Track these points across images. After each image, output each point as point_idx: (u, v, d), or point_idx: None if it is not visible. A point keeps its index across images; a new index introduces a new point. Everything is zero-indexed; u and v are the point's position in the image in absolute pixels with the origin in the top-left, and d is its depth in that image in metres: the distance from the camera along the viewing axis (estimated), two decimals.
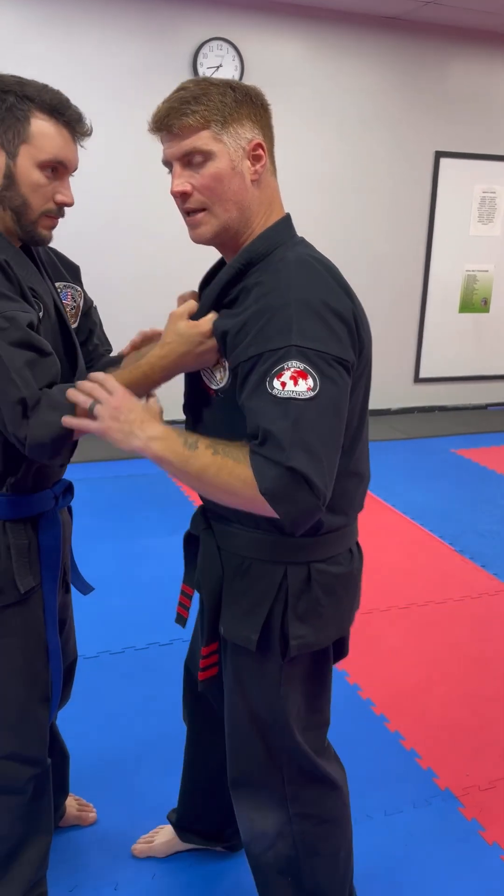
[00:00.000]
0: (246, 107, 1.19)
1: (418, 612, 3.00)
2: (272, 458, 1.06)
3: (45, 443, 1.19)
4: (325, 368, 1.10)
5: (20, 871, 1.49)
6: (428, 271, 5.88)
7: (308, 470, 1.05)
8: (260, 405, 1.10)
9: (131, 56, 4.76)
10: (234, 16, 4.91)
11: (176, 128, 1.17)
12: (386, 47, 5.34)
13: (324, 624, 1.29)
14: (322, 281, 1.17)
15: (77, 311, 1.52)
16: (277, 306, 1.12)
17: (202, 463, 1.13)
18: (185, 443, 1.15)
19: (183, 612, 1.49)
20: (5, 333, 1.17)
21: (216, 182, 1.18)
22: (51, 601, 1.43)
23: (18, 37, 4.48)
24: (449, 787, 2.06)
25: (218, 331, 1.21)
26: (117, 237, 4.99)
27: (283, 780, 1.38)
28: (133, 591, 3.07)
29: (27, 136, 1.24)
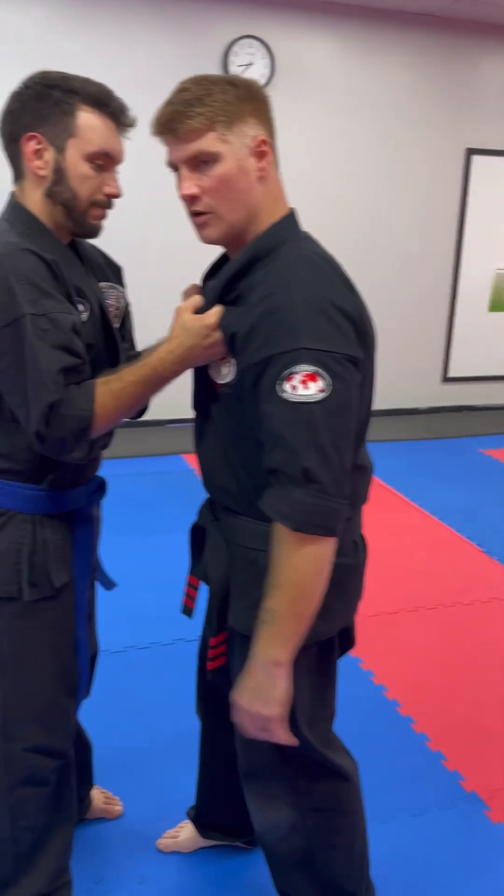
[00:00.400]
0: (248, 103, 1.19)
1: (445, 613, 2.98)
2: (288, 473, 1.10)
3: (64, 437, 1.21)
4: (334, 368, 1.11)
5: (46, 860, 1.51)
6: (458, 269, 5.83)
7: (320, 471, 1.09)
8: (272, 409, 1.12)
9: (161, 54, 4.77)
10: (264, 13, 4.91)
11: (181, 131, 1.17)
12: (417, 44, 5.30)
13: (329, 614, 1.29)
14: (326, 278, 1.18)
15: (120, 312, 1.53)
16: (284, 307, 1.13)
17: (282, 605, 1.17)
18: (276, 632, 1.18)
19: (189, 602, 1.51)
20: (48, 335, 1.19)
21: (223, 184, 1.18)
22: (81, 596, 1.45)
23: (48, 35, 4.52)
24: (475, 789, 2.05)
25: (226, 332, 1.21)
26: (140, 236, 5.01)
27: (292, 772, 1.38)
28: (159, 586, 3.08)
29: (74, 130, 1.26)
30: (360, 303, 1.21)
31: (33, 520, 1.36)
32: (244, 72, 4.89)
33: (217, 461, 1.33)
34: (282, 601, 1.15)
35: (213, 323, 1.23)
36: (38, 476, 1.35)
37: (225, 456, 1.31)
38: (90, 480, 1.45)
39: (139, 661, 2.59)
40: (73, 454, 1.24)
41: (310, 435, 1.09)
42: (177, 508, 3.91)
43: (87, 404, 1.22)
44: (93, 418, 1.23)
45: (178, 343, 1.25)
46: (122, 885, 1.73)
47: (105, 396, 1.24)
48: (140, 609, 2.89)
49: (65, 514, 1.40)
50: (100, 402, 1.24)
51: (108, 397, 1.25)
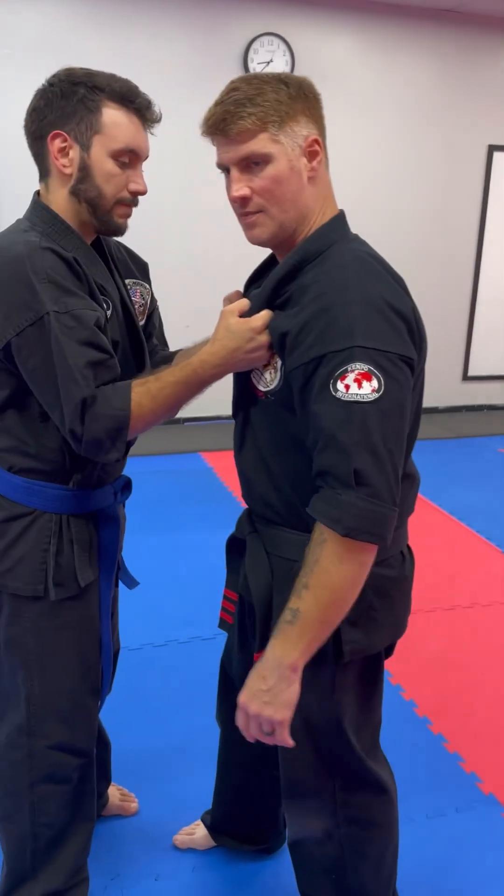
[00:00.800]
0: (300, 102, 1.16)
1: (463, 615, 2.95)
2: (341, 477, 1.06)
3: (100, 437, 1.20)
4: (389, 368, 1.08)
5: (65, 857, 1.51)
6: (479, 267, 5.78)
7: (371, 472, 1.05)
8: (324, 409, 1.09)
9: (182, 52, 4.78)
10: (284, 11, 4.89)
11: (233, 132, 1.14)
12: (438, 40, 5.26)
13: (377, 628, 1.27)
14: (381, 279, 1.15)
15: (145, 308, 1.52)
16: (338, 305, 1.10)
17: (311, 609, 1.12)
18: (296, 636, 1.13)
19: (227, 617, 1.48)
20: (73, 332, 1.19)
21: (275, 185, 1.16)
22: (106, 595, 1.45)
23: (70, 34, 4.54)
24: (493, 792, 2.03)
25: (276, 332, 1.18)
26: (161, 233, 5.02)
27: (334, 786, 1.36)
28: (176, 584, 3.09)
29: (99, 127, 1.25)
30: (413, 304, 1.18)
31: (59, 519, 1.36)
32: (264, 69, 4.89)
33: (258, 471, 1.30)
34: (313, 605, 1.11)
35: (259, 326, 1.21)
36: (65, 476, 1.35)
37: (266, 466, 1.28)
38: (116, 480, 1.45)
39: (155, 659, 2.59)
40: (110, 455, 1.24)
41: (362, 436, 1.06)
42: (194, 507, 3.92)
43: (122, 404, 1.21)
44: (129, 418, 1.22)
45: (221, 345, 1.23)
46: (137, 882, 1.73)
47: (142, 397, 1.23)
48: (157, 607, 2.89)
49: (90, 513, 1.40)
50: (136, 402, 1.22)
51: (146, 398, 1.23)
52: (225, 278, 5.11)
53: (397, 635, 1.35)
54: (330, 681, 1.29)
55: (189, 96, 4.87)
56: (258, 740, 1.23)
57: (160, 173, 4.95)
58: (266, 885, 1.75)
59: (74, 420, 1.20)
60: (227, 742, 1.70)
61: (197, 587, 3.06)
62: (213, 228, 5.08)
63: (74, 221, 1.31)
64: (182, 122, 4.88)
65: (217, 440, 4.90)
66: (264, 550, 1.32)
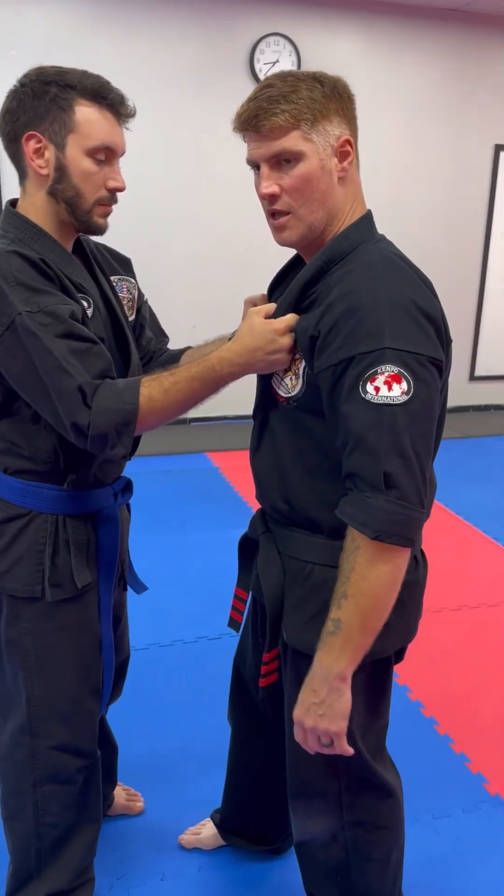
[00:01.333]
0: (334, 101, 1.16)
1: (470, 615, 2.94)
2: (370, 481, 1.06)
3: (107, 432, 1.19)
4: (418, 370, 1.07)
5: (70, 857, 1.52)
6: (485, 267, 5.76)
7: (401, 475, 1.05)
8: (353, 410, 1.08)
9: (189, 53, 4.78)
10: (290, 11, 4.89)
11: (266, 128, 1.13)
12: (444, 40, 5.25)
13: (388, 632, 1.24)
14: (409, 280, 1.14)
15: (133, 302, 1.52)
16: (367, 306, 1.09)
17: (353, 617, 1.12)
18: (338, 644, 1.13)
19: (237, 616, 1.47)
20: (49, 328, 1.18)
21: (305, 184, 1.15)
22: (106, 597, 1.44)
23: (75, 34, 4.54)
24: (499, 793, 2.02)
25: (305, 335, 1.16)
26: (168, 235, 5.03)
27: (340, 788, 1.36)
28: (182, 584, 3.09)
29: (73, 125, 1.24)
30: (440, 306, 1.17)
31: (56, 520, 1.35)
32: (270, 69, 4.88)
33: (274, 474, 1.29)
34: (354, 613, 1.10)
35: (282, 328, 1.20)
36: (60, 477, 1.35)
37: (283, 469, 1.27)
38: (115, 480, 1.45)
39: (162, 659, 2.59)
40: (116, 450, 1.22)
41: (392, 438, 1.05)
42: (200, 507, 3.92)
43: (132, 398, 1.19)
44: (137, 412, 1.20)
45: (243, 344, 1.22)
46: (143, 882, 1.73)
47: (153, 391, 1.21)
48: (163, 607, 2.89)
49: (88, 514, 1.39)
50: (147, 396, 1.21)
51: (157, 391, 1.21)
52: (232, 279, 5.14)
53: (408, 640, 1.34)
54: None
55: (195, 97, 4.89)
56: (294, 743, 1.25)
57: (166, 173, 4.97)
58: (273, 885, 1.74)
59: (75, 412, 1.18)
60: (238, 741, 1.69)
61: (203, 587, 3.06)
62: (220, 229, 5.08)
63: (54, 222, 1.30)
64: (188, 121, 4.91)
65: (223, 440, 4.90)
66: (277, 551, 1.31)
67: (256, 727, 1.61)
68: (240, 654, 1.61)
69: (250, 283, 1.83)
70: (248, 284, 1.42)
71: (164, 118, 4.78)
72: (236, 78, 4.87)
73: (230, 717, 1.70)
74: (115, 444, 1.21)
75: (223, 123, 5.34)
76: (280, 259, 1.38)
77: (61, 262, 1.29)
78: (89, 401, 1.18)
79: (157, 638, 2.70)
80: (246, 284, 1.42)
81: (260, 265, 1.40)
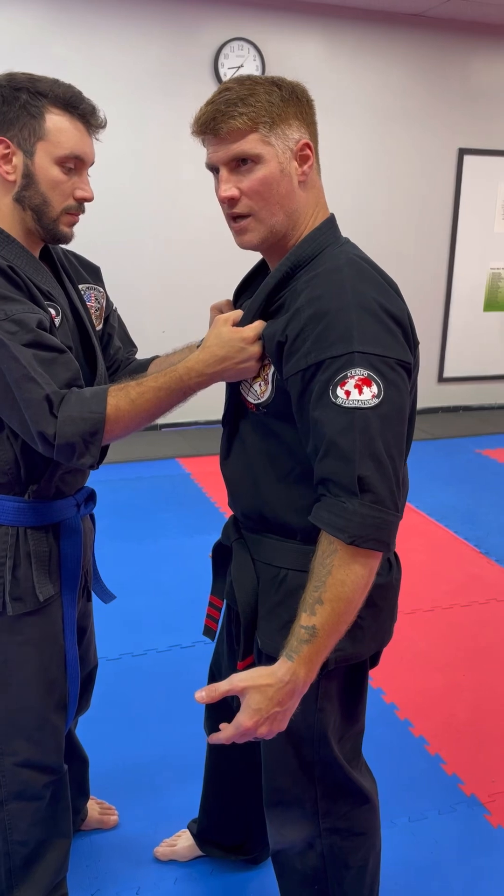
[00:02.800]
0: (293, 105, 1.16)
1: (443, 616, 2.96)
2: (344, 485, 1.05)
3: (73, 441, 1.17)
4: (387, 373, 1.07)
5: (41, 874, 1.49)
6: (452, 270, 5.83)
7: (375, 479, 1.04)
8: (324, 415, 1.07)
9: (153, 57, 4.77)
10: (254, 16, 4.90)
11: (223, 131, 1.13)
12: (408, 44, 5.30)
13: (363, 636, 1.25)
14: (375, 283, 1.14)
15: (101, 312, 1.50)
16: (334, 310, 1.08)
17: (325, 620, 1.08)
18: (310, 647, 1.09)
19: (212, 624, 1.46)
20: (16, 336, 1.16)
21: (264, 186, 1.15)
22: (70, 610, 1.42)
23: (37, 39, 4.50)
24: (475, 793, 2.03)
25: (272, 340, 1.15)
26: (136, 240, 5.00)
27: (316, 795, 1.35)
28: (154, 592, 3.06)
29: (43, 133, 1.23)
30: (406, 307, 1.17)
31: (16, 532, 1.33)
32: (234, 74, 4.89)
33: (246, 481, 1.28)
34: (330, 618, 1.08)
35: (250, 337, 1.19)
36: (21, 488, 1.32)
37: (255, 476, 1.26)
38: (78, 491, 1.43)
39: (135, 669, 2.56)
40: (83, 459, 1.20)
41: (365, 442, 1.04)
42: (172, 513, 3.90)
43: (98, 407, 1.18)
44: (104, 422, 1.18)
45: (211, 353, 1.20)
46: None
47: (121, 400, 1.20)
48: (135, 616, 2.87)
49: (50, 525, 1.37)
50: (114, 406, 1.19)
51: (124, 401, 1.20)
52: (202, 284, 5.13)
53: (383, 643, 1.34)
54: (314, 688, 1.27)
55: (160, 101, 4.87)
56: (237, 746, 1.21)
57: (133, 179, 4.95)
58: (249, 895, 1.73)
59: (41, 421, 1.16)
60: (215, 752, 1.68)
61: (176, 594, 3.04)
62: (190, 234, 5.07)
63: (20, 229, 1.29)
64: (153, 126, 4.89)
65: (194, 445, 4.88)
66: (250, 557, 1.30)
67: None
68: (215, 662, 1.60)
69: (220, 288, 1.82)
70: (218, 289, 1.41)
71: (129, 123, 4.75)
72: (201, 82, 4.86)
73: (206, 726, 1.68)
74: (82, 453, 1.19)
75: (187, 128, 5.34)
76: (250, 264, 1.37)
77: (29, 269, 1.28)
78: (56, 410, 1.16)
79: (129, 647, 2.68)
80: (216, 289, 1.41)
81: (230, 270, 1.39)
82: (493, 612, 3.00)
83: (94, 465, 1.24)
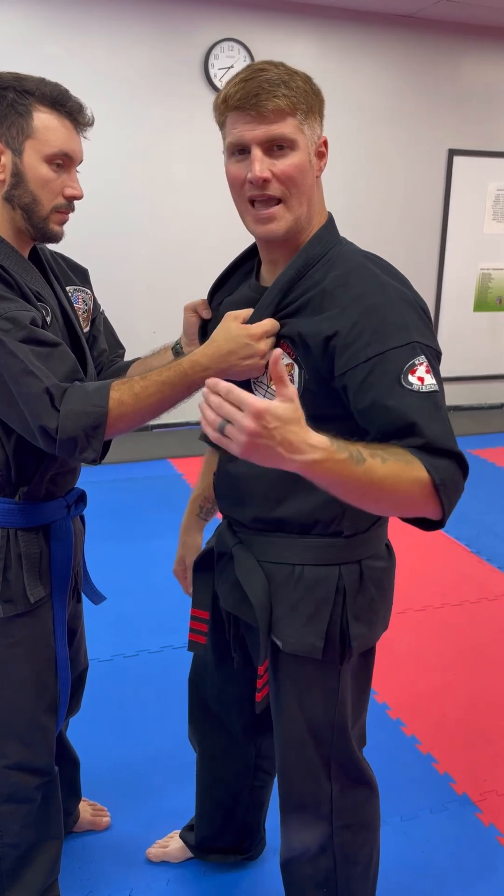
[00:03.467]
0: (318, 101, 1.17)
1: (434, 615, 2.97)
2: (444, 448, 1.04)
3: (76, 436, 1.16)
4: (435, 364, 1.12)
5: (33, 876, 1.49)
6: (442, 270, 5.84)
7: (461, 455, 1.07)
8: (405, 402, 1.06)
9: (143, 58, 4.76)
10: (245, 16, 4.90)
11: (268, 108, 1.09)
12: (398, 45, 5.31)
13: (377, 619, 1.28)
14: (401, 278, 1.18)
15: (88, 314, 1.50)
16: (384, 305, 1.11)
17: (378, 476, 0.98)
18: (351, 459, 0.97)
19: (199, 638, 1.45)
20: (11, 333, 1.16)
21: (299, 173, 1.13)
22: (60, 611, 1.42)
23: (29, 39, 4.49)
24: (466, 792, 2.03)
25: (317, 337, 1.13)
26: (127, 240, 4.99)
27: (332, 794, 1.35)
28: (146, 593, 3.06)
29: (31, 131, 1.23)
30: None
31: (7, 534, 1.32)
32: (225, 75, 4.89)
33: (258, 484, 1.25)
34: (375, 475, 0.98)
35: (258, 334, 1.17)
36: (11, 489, 1.32)
37: (269, 478, 1.18)
38: (68, 492, 1.42)
39: (127, 670, 2.56)
40: (85, 454, 1.19)
41: (447, 423, 1.08)
42: (164, 514, 3.89)
43: (102, 401, 1.17)
44: (107, 416, 1.17)
45: (216, 347, 1.19)
46: None
47: (124, 395, 1.18)
48: (127, 617, 2.86)
49: (40, 527, 1.36)
50: (117, 400, 1.18)
51: (128, 395, 1.19)
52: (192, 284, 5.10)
53: (386, 626, 1.36)
54: (336, 679, 1.28)
55: (150, 102, 4.86)
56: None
57: (123, 179, 4.94)
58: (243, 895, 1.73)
59: (43, 415, 1.15)
60: (206, 759, 1.67)
61: (168, 595, 3.03)
62: (179, 234, 5.06)
63: (10, 229, 1.28)
64: (143, 126, 4.89)
65: (186, 446, 4.87)
66: (255, 560, 1.29)
67: (223, 743, 1.59)
68: (196, 674, 1.59)
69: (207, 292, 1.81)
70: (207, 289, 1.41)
71: (119, 123, 4.74)
72: (191, 83, 4.86)
73: (192, 737, 1.67)
74: (84, 447, 1.18)
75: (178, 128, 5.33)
76: None
77: (19, 269, 1.27)
78: (57, 403, 1.15)
79: (121, 649, 2.67)
80: (205, 289, 1.41)
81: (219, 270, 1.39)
82: (485, 611, 3.01)
83: (97, 460, 1.22)
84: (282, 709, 1.33)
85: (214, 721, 1.57)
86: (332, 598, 1.24)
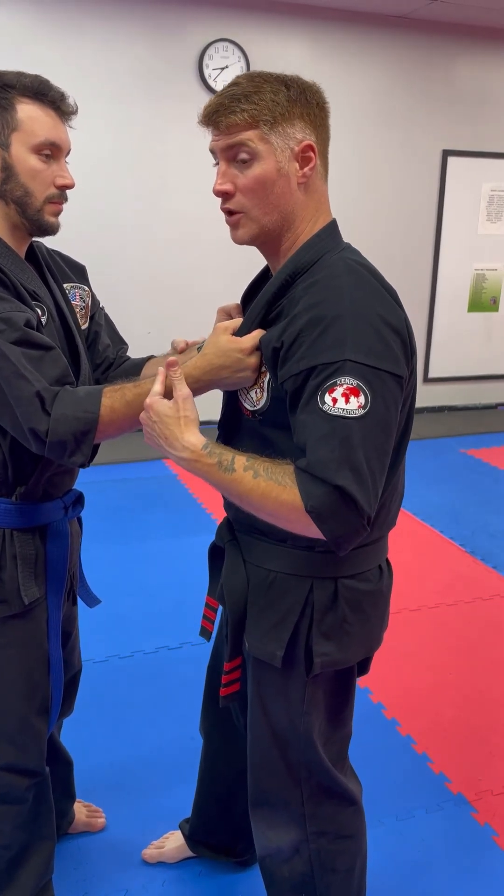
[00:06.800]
0: (299, 106, 1.15)
1: (429, 615, 2.97)
2: (319, 476, 1.03)
3: (65, 439, 1.17)
4: (377, 386, 1.06)
5: (25, 877, 1.48)
6: (436, 271, 5.85)
7: (353, 489, 1.02)
8: (309, 420, 1.07)
9: (137, 58, 4.75)
10: (239, 17, 4.90)
11: (223, 125, 1.14)
12: (392, 46, 5.32)
13: (350, 642, 1.25)
14: (375, 291, 1.13)
15: (86, 311, 1.50)
16: (331, 318, 1.07)
17: (243, 488, 1.10)
18: (220, 465, 1.11)
19: (208, 625, 1.45)
20: (4, 335, 1.16)
21: (259, 185, 1.15)
22: (55, 613, 1.42)
23: (23, 39, 4.48)
24: (462, 791, 2.04)
25: (269, 347, 1.15)
26: (121, 241, 4.99)
27: (301, 797, 1.35)
28: (141, 594, 3.06)
29: (16, 124, 1.24)
30: (406, 317, 1.16)
31: (2, 534, 1.32)
32: (219, 75, 4.89)
33: None
34: (247, 491, 1.10)
35: (248, 347, 1.19)
36: (8, 489, 1.32)
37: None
38: (66, 494, 1.42)
39: (122, 670, 2.56)
40: (74, 458, 1.20)
41: (345, 453, 1.03)
42: (158, 515, 3.89)
43: (92, 407, 1.18)
44: (97, 421, 1.18)
45: (208, 361, 1.20)
46: None
47: (115, 402, 1.20)
48: (122, 617, 2.86)
49: (36, 528, 1.36)
50: (108, 406, 1.19)
51: (119, 403, 1.20)
52: (186, 284, 5.12)
53: (371, 650, 1.33)
54: (301, 691, 1.27)
55: (144, 102, 4.86)
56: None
57: (117, 179, 4.93)
58: None
59: (33, 418, 1.16)
60: (210, 752, 1.67)
61: (163, 596, 3.03)
62: (172, 234, 5.06)
63: (5, 226, 1.28)
64: (138, 127, 4.88)
65: None
66: (241, 559, 1.30)
67: (229, 738, 1.59)
68: (214, 659, 1.59)
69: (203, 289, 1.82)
70: (201, 290, 1.41)
71: (113, 124, 4.74)
72: (185, 83, 4.86)
73: (202, 728, 1.67)
74: (73, 451, 1.19)
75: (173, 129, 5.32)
76: (234, 264, 1.37)
77: (15, 268, 1.27)
78: (48, 407, 1.16)
79: (116, 649, 2.67)
80: (199, 289, 1.41)
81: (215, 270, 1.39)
82: (479, 611, 3.02)
83: (85, 464, 1.24)
84: (250, 707, 1.35)
85: (222, 713, 1.57)
86: (300, 610, 1.23)
